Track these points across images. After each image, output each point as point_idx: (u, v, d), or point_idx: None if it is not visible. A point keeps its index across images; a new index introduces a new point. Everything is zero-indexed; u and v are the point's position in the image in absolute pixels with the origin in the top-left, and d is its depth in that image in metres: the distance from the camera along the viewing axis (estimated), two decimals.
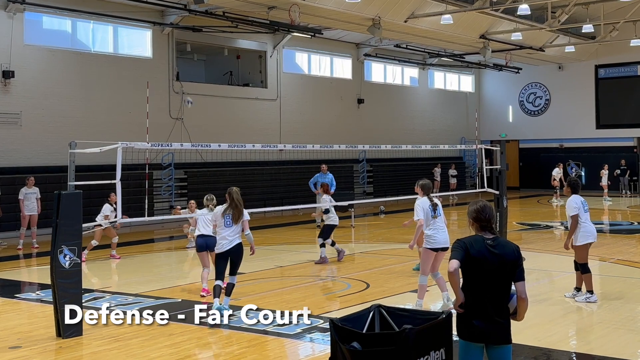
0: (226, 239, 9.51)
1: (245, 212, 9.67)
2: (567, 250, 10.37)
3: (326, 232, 14.15)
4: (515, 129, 36.40)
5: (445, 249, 9.21)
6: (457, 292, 5.06)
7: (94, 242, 14.62)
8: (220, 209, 9.73)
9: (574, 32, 29.07)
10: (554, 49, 30.93)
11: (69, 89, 20.22)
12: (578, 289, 10.25)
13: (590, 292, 10.05)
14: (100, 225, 13.71)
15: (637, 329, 8.78)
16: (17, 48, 18.99)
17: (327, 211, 14.20)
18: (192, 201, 15.44)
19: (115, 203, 13.70)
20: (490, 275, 5.02)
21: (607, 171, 28.85)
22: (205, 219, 10.97)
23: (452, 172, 31.56)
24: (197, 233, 11.20)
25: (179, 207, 16.94)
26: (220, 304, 9.41)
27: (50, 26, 20.36)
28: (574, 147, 34.31)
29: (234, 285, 9.75)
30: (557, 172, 28.71)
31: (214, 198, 11.18)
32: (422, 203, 9.54)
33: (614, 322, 8.98)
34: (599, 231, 19.54)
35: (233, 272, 9.71)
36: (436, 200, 9.63)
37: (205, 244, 11.04)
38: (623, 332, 8.68)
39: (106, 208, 14.39)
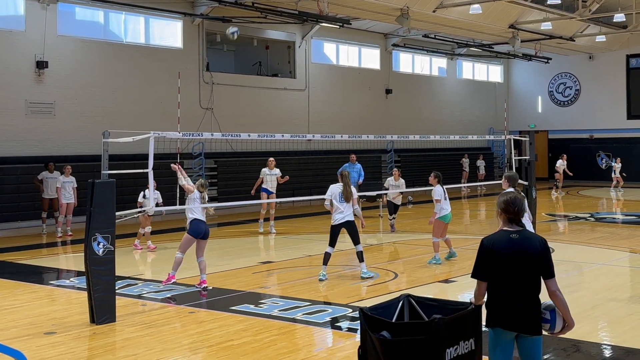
0: (342, 213, 11.04)
1: (354, 190, 11.24)
2: None
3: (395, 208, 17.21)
4: (545, 120, 36.10)
5: None
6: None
7: (147, 229, 14.80)
8: (337, 188, 11.17)
9: (605, 22, 28.73)
10: (584, 38, 30.61)
11: (102, 79, 20.48)
12: None
13: None
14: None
15: None
16: (51, 39, 19.26)
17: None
18: (273, 158, 17.61)
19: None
20: (516, 268, 5.04)
21: (619, 164, 28.64)
22: (198, 204, 10.53)
23: (480, 162, 31.44)
24: (193, 216, 10.48)
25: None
26: (325, 273, 11.25)
27: (83, 17, 20.61)
28: (604, 137, 33.96)
29: (361, 252, 11.33)
30: (560, 164, 28.47)
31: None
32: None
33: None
34: (631, 223, 19.42)
35: (356, 242, 11.27)
36: (522, 194, 9.23)
37: (205, 230, 10.57)
38: None
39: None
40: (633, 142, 32.65)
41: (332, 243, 11.23)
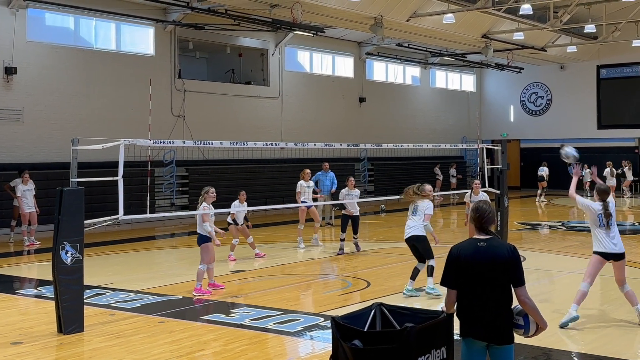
0: (409, 228, 10.74)
1: (426, 204, 10.81)
2: None
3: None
4: (517, 129, 36.40)
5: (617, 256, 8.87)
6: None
7: (235, 241, 14.44)
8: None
9: (576, 32, 29.08)
10: (555, 48, 30.94)
11: (72, 85, 20.25)
12: None
13: None
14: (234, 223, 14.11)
15: (637, 329, 8.79)
16: (20, 44, 19.01)
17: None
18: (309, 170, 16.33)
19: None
20: (484, 277, 5.02)
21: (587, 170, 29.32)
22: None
23: (452, 171, 31.67)
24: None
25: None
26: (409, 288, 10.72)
27: (53, 23, 20.38)
28: (575, 147, 34.21)
29: (432, 266, 10.72)
30: (546, 171, 29.10)
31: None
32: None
33: (614, 322, 9.00)
34: None
35: (427, 257, 10.78)
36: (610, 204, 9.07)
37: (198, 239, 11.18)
38: (623, 332, 8.70)
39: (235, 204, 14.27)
40: (603, 152, 32.99)
41: (417, 257, 10.89)
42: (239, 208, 14.09)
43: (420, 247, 10.75)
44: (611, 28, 28.82)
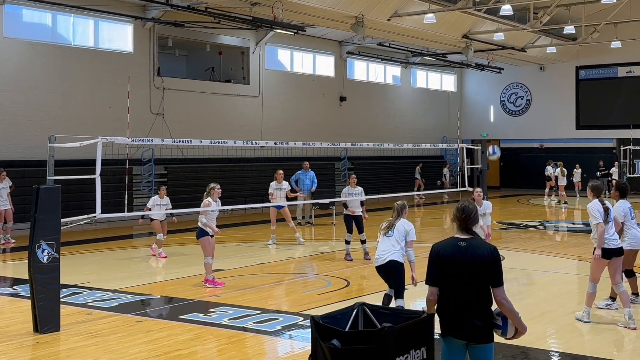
0: (381, 251, 8.62)
1: (408, 225, 8.69)
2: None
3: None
4: (497, 129, 36.58)
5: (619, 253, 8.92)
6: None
7: (160, 236, 14.67)
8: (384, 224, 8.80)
9: (556, 33, 29.27)
10: (535, 49, 31.11)
11: (49, 82, 20.02)
12: (636, 294, 9.92)
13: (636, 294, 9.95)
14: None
15: (614, 328, 8.85)
16: None
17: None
18: (282, 171, 16.81)
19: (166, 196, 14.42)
20: (464, 276, 5.02)
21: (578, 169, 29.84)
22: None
23: (445, 171, 31.91)
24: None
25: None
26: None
27: (30, 19, 20.14)
28: (554, 147, 34.55)
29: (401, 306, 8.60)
30: (551, 170, 29.53)
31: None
32: (595, 206, 8.87)
33: (592, 321, 9.04)
34: (579, 231, 19.70)
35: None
36: (608, 204, 8.97)
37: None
38: (600, 331, 8.75)
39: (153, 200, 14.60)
40: (582, 152, 33.28)
41: (389, 284, 8.78)
42: (159, 203, 14.38)
43: (395, 279, 8.59)
44: (590, 29, 29.03)
